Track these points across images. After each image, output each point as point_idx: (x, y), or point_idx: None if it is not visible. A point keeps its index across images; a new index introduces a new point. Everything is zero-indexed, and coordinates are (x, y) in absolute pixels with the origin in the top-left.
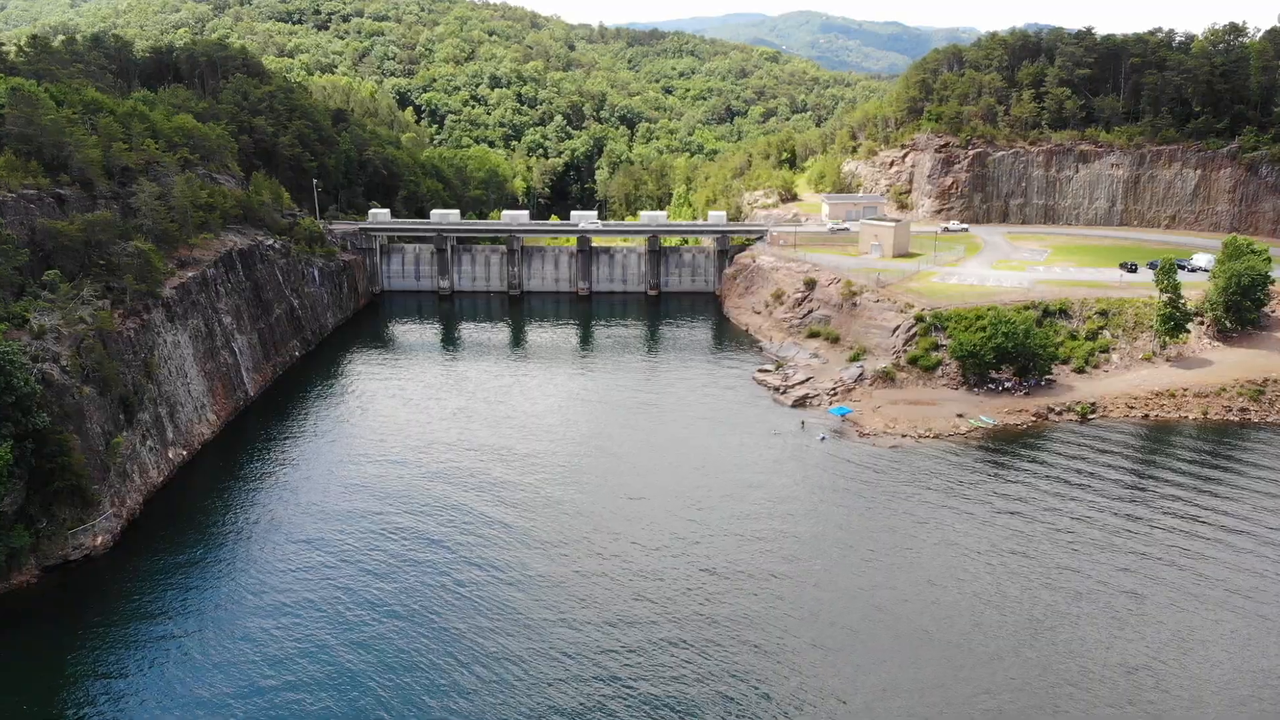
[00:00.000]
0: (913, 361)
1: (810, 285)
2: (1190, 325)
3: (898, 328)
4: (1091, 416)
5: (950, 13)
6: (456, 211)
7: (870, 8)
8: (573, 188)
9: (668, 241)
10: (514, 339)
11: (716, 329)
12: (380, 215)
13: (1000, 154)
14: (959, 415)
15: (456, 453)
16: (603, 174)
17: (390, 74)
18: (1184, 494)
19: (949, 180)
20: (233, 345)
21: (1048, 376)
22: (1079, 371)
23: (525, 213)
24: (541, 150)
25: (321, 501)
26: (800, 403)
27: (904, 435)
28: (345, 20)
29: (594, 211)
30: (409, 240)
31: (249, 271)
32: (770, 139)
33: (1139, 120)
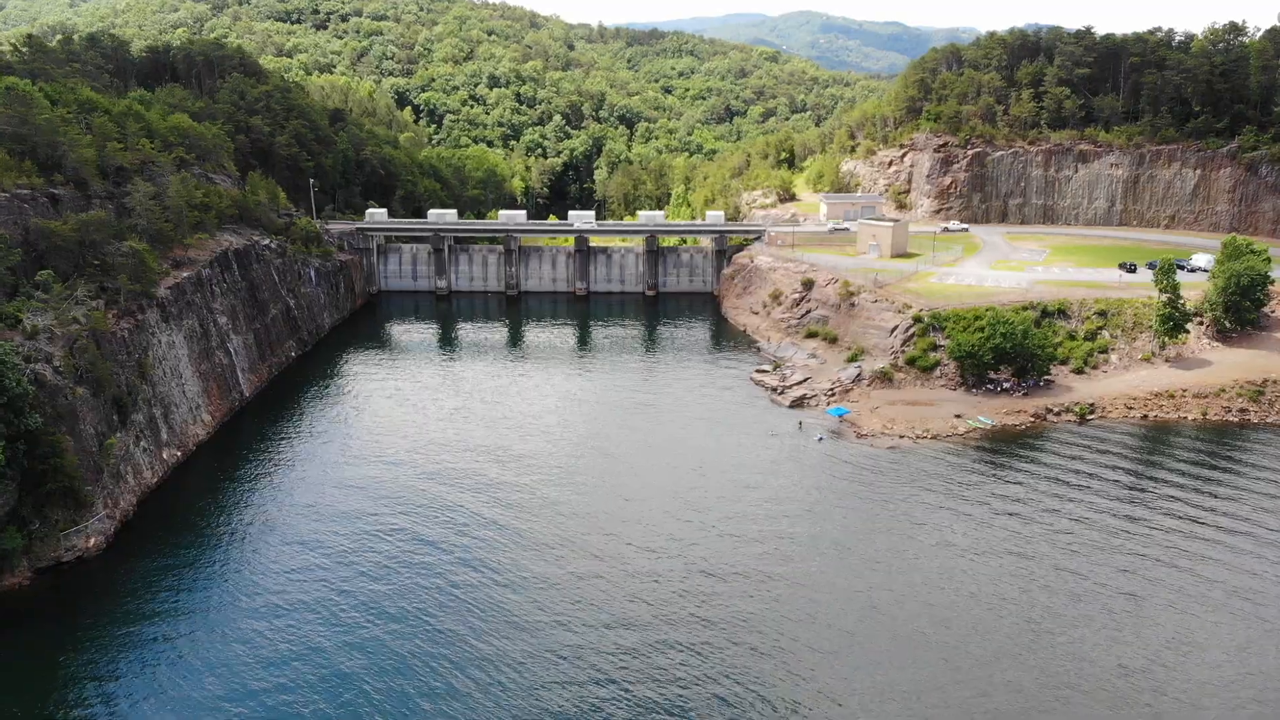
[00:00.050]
0: (911, 362)
1: (808, 285)
2: (1189, 326)
3: (896, 328)
4: (1090, 417)
5: (950, 13)
6: (454, 211)
7: (870, 8)
8: (571, 188)
9: (666, 241)
10: (511, 339)
11: (714, 329)
12: (377, 215)
13: (999, 154)
14: (957, 416)
15: (453, 453)
16: (601, 174)
17: (389, 74)
18: (1183, 495)
19: (948, 180)
20: (228, 346)
21: (1046, 377)
22: (1078, 372)
23: (522, 213)
24: (540, 150)
25: (316, 502)
26: (798, 403)
27: (902, 436)
28: (344, 20)
29: (591, 211)
30: (406, 240)
31: (245, 271)
32: (769, 139)
33: (1138, 120)
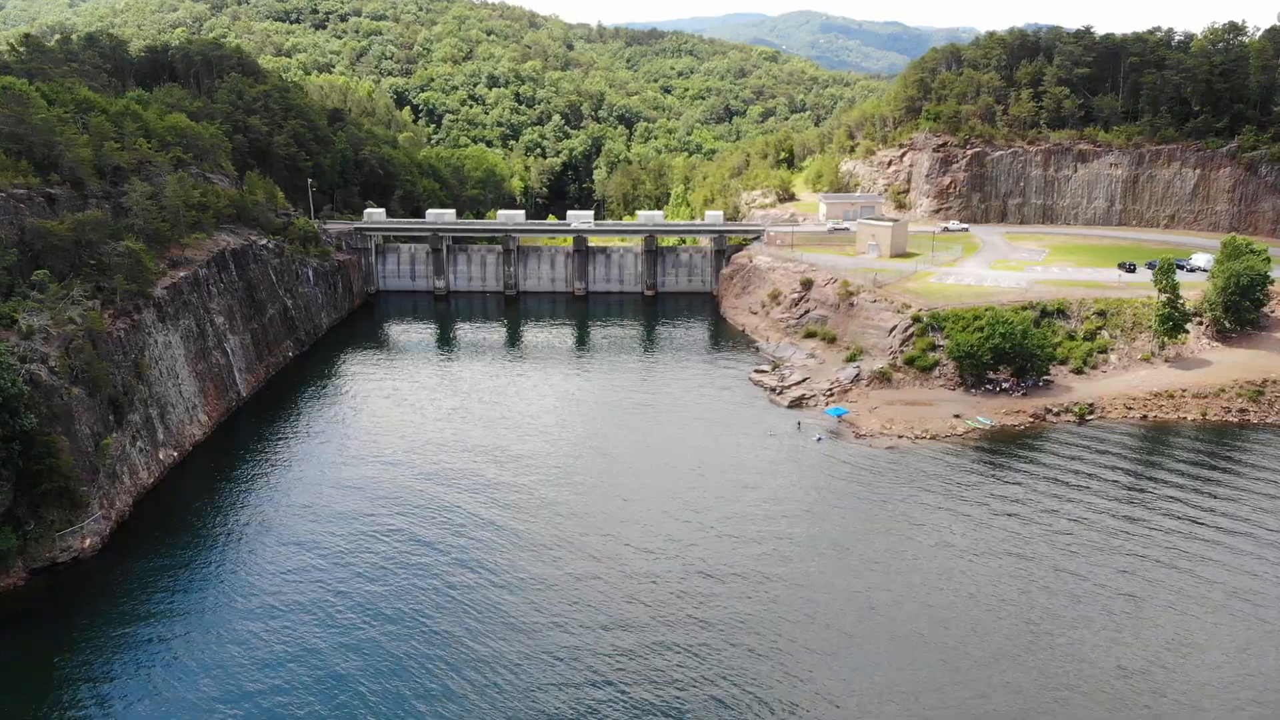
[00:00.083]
0: (909, 362)
1: (807, 285)
2: (1189, 326)
3: (894, 328)
4: (1089, 417)
5: (950, 13)
6: (452, 211)
7: (870, 8)
8: (571, 187)
9: (665, 241)
10: (509, 339)
11: (713, 329)
12: (375, 215)
13: (998, 153)
14: (956, 416)
15: (450, 453)
16: (601, 174)
17: (388, 73)
18: (1182, 495)
19: (947, 180)
20: (225, 345)
21: (1045, 377)
22: (1077, 372)
23: (521, 212)
24: (539, 150)
25: (313, 503)
26: (796, 403)
27: (900, 436)
28: (343, 20)
29: (589, 211)
30: (404, 240)
31: (242, 271)
32: (768, 138)
33: (1138, 119)
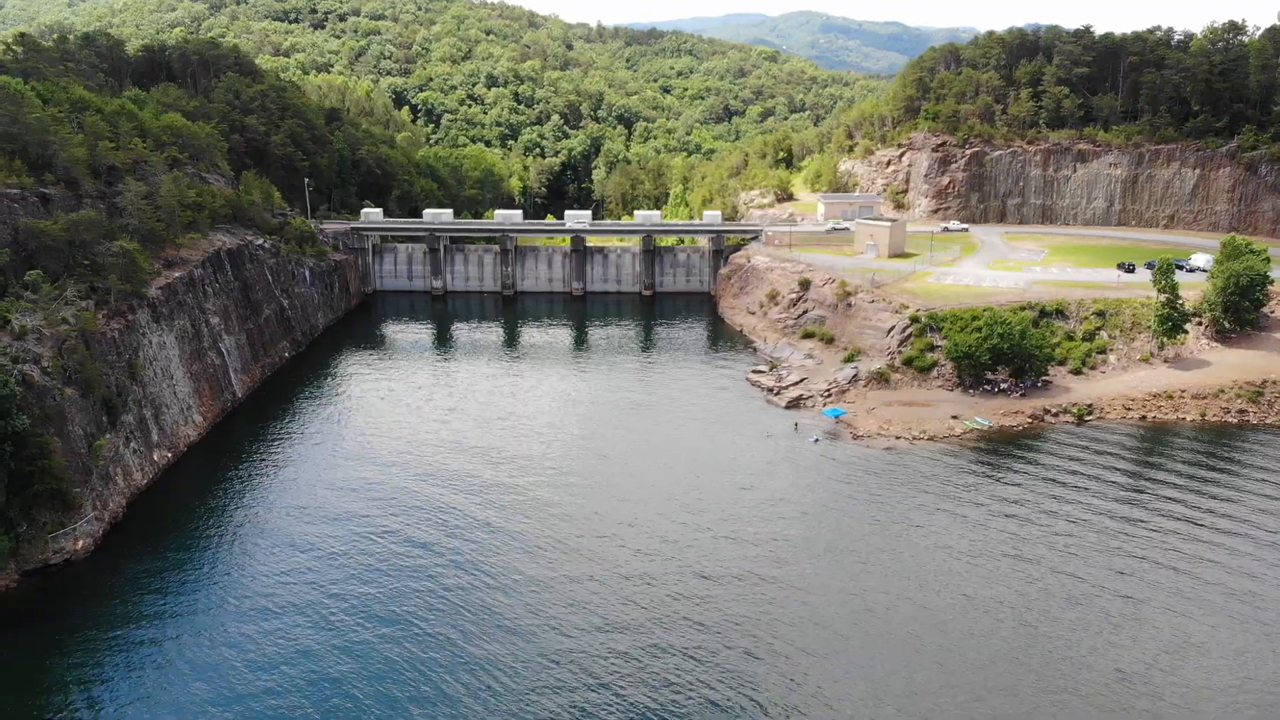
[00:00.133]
0: (907, 362)
1: (805, 285)
2: (1188, 326)
3: (893, 328)
4: (1088, 418)
5: (950, 13)
6: (449, 211)
7: (870, 8)
8: (569, 187)
9: (663, 241)
10: (507, 339)
11: (711, 329)
12: (372, 215)
13: (997, 153)
14: (954, 417)
15: (447, 455)
16: (600, 173)
17: (386, 73)
18: (1181, 497)
19: (946, 180)
20: (220, 346)
21: (1044, 378)
22: (1076, 373)
23: (518, 212)
24: (538, 150)
25: (308, 504)
26: (794, 404)
27: (898, 437)
28: (342, 19)
29: (587, 211)
30: (401, 240)
31: (238, 271)
32: (767, 138)
33: (1137, 119)
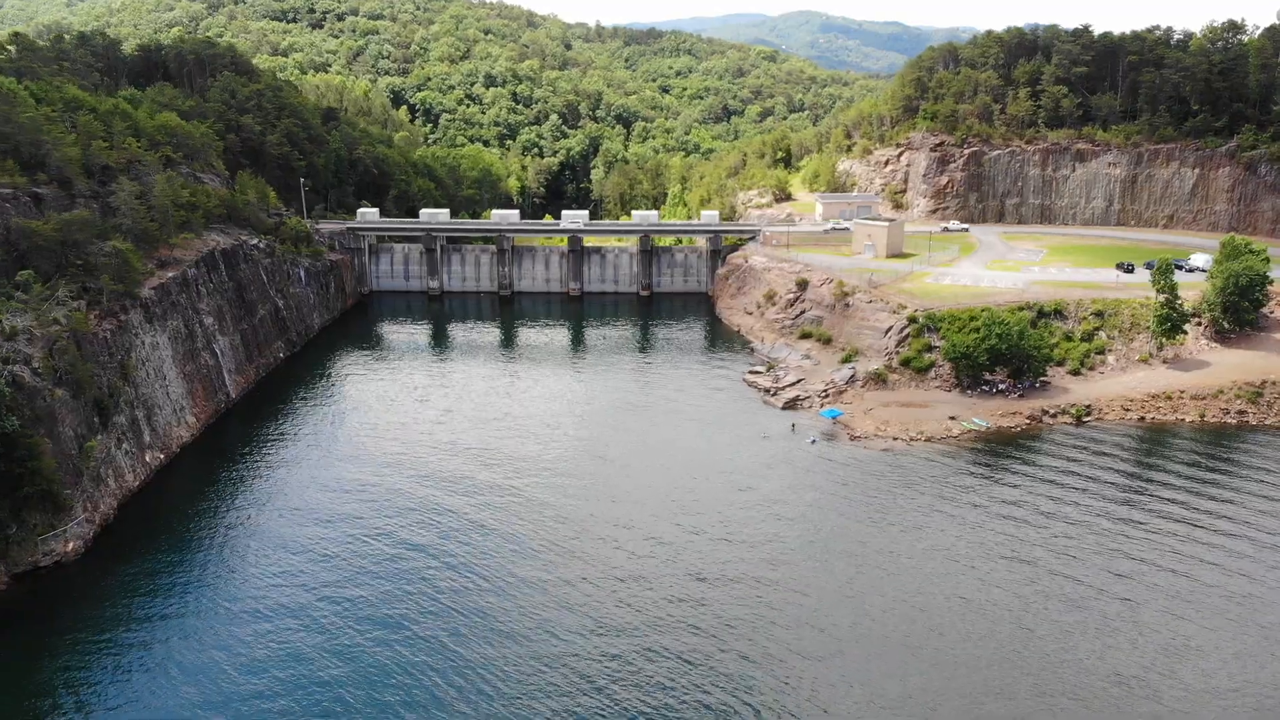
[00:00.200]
0: (905, 363)
1: (802, 286)
2: (1187, 326)
3: (890, 329)
4: (1086, 419)
5: (950, 12)
6: (446, 211)
7: (870, 8)
8: (568, 187)
9: (660, 241)
10: (504, 340)
11: (708, 330)
12: (369, 214)
13: (996, 153)
14: (951, 418)
15: (442, 456)
16: (598, 173)
17: (385, 73)
18: (1180, 498)
19: (944, 179)
20: (214, 346)
21: (1042, 378)
22: (1074, 373)
23: (515, 212)
24: (537, 149)
25: (301, 506)
26: (791, 405)
27: (895, 438)
28: (340, 19)
29: (585, 211)
30: (398, 240)
31: (232, 271)
32: (765, 138)
33: (1136, 119)
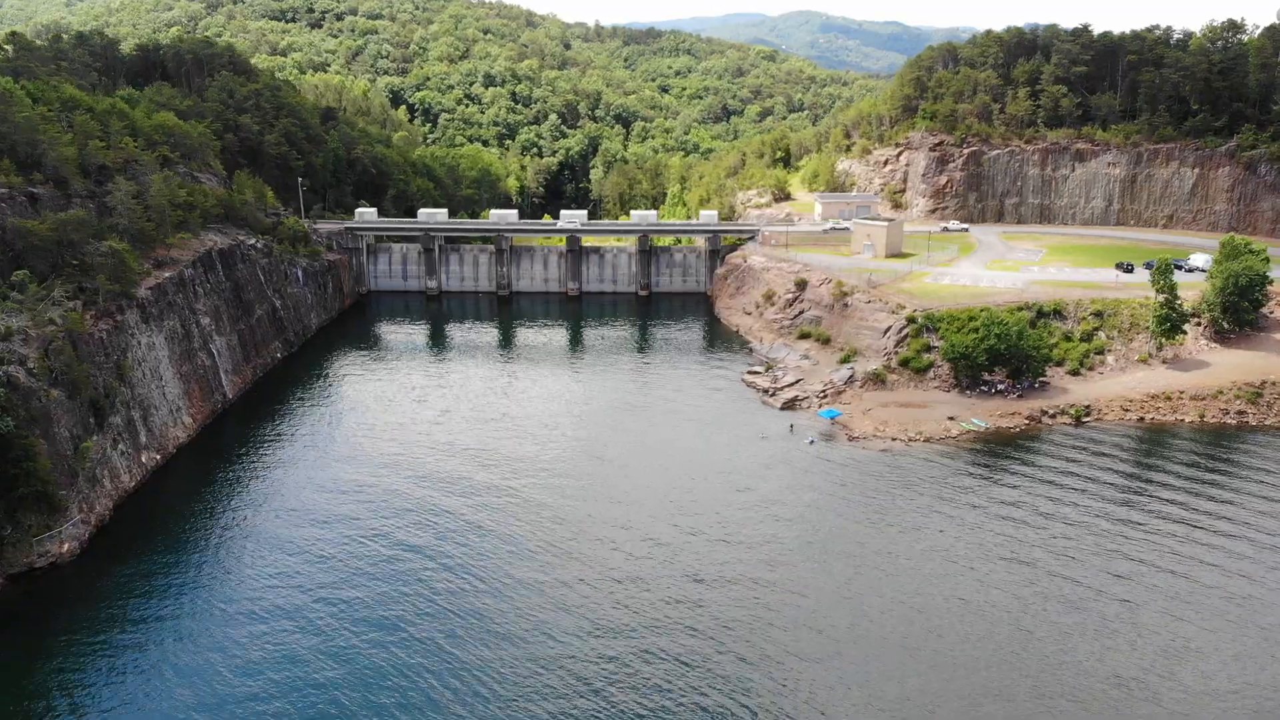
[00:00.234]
0: (904, 363)
1: (801, 286)
2: (1187, 326)
3: (889, 329)
4: (1086, 419)
5: (950, 12)
6: (444, 210)
7: (870, 8)
8: (567, 187)
9: (659, 241)
10: (502, 340)
11: (707, 330)
12: (367, 214)
13: (995, 153)
14: (950, 418)
15: (440, 456)
16: (597, 173)
17: (384, 73)
18: (1180, 499)
19: (944, 179)
20: (211, 347)
21: (1041, 379)
22: (1073, 374)
23: (514, 212)
24: (536, 149)
25: (298, 507)
26: (789, 405)
27: (894, 438)
28: (339, 19)
29: (583, 211)
30: (396, 240)
31: (229, 271)
32: (764, 138)
33: (1136, 118)
